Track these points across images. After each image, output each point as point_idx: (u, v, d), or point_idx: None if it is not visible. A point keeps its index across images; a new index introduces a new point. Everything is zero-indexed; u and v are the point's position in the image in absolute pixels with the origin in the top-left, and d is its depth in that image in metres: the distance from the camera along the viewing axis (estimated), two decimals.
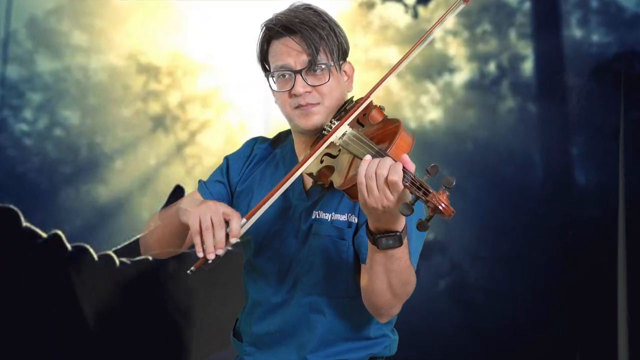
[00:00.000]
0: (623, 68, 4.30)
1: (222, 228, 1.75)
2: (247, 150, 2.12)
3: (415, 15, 4.63)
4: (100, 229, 4.42)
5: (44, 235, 4.12)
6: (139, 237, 4.26)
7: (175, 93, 4.57)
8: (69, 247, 4.11)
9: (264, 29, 1.96)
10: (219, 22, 4.47)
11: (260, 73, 2.03)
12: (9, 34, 4.43)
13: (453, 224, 1.63)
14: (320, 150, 1.85)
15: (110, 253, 4.17)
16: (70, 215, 4.42)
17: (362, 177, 1.67)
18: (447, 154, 4.53)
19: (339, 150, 1.85)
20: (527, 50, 4.61)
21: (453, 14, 1.95)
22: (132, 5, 4.50)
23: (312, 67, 1.90)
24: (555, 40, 4.54)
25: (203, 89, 4.59)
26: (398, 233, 1.72)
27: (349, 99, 2.00)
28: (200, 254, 1.75)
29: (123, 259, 4.15)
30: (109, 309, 4.10)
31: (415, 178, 1.63)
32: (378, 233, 1.72)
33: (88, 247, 4.15)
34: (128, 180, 4.51)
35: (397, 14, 4.65)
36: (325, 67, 1.92)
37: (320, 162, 1.87)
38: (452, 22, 4.65)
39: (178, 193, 4.22)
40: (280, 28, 1.91)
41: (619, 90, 4.14)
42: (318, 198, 1.98)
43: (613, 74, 4.29)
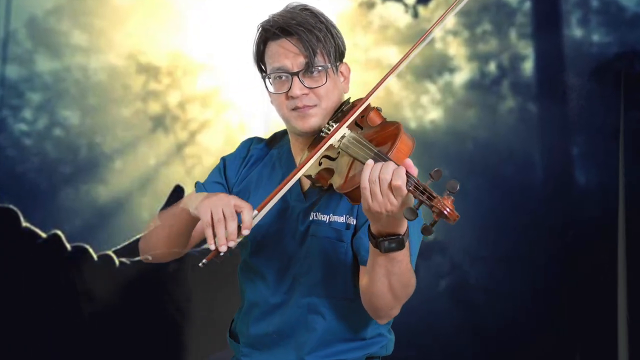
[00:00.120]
0: (623, 68, 4.29)
1: (234, 220, 1.74)
2: (243, 151, 2.11)
3: (416, 15, 4.63)
4: (100, 229, 4.41)
5: (44, 236, 4.11)
6: (140, 237, 4.28)
7: (175, 93, 4.56)
8: (69, 247, 4.11)
9: (260, 30, 1.95)
10: (219, 22, 4.46)
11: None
12: (9, 34, 4.42)
13: (453, 224, 1.62)
14: (320, 153, 1.84)
15: (110, 253, 4.17)
16: (70, 216, 4.41)
17: (365, 182, 1.66)
18: (447, 154, 4.52)
19: (338, 153, 1.84)
20: (527, 50, 4.60)
21: (452, 13, 1.94)
22: (131, 5, 4.50)
23: (309, 69, 1.90)
24: (556, 40, 4.54)
25: (203, 89, 4.59)
26: (400, 236, 1.71)
27: (346, 101, 1.99)
28: (212, 247, 1.73)
29: (123, 259, 4.15)
30: (109, 309, 4.10)
31: (419, 182, 1.63)
32: (380, 236, 1.72)
33: (88, 247, 4.15)
34: (128, 180, 4.50)
35: (397, 14, 4.64)
36: (322, 69, 1.91)
37: (319, 164, 1.86)
38: (452, 21, 4.64)
39: (178, 193, 4.22)
40: (277, 30, 1.90)
41: (620, 90, 4.14)
42: (316, 199, 1.97)
43: (613, 74, 4.28)
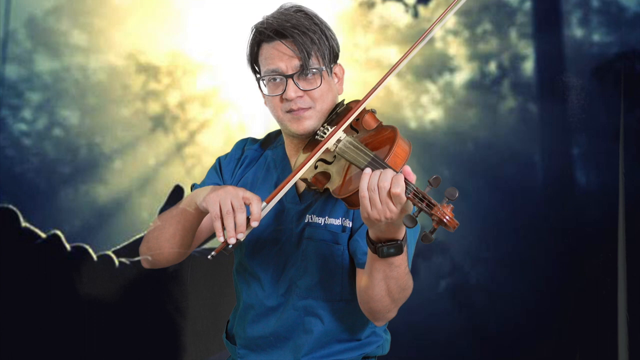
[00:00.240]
0: (624, 68, 4.29)
1: (243, 212, 1.74)
2: (238, 152, 2.11)
3: (416, 15, 4.62)
4: (100, 229, 4.41)
5: (43, 236, 4.11)
6: (139, 238, 4.26)
7: (175, 93, 4.55)
8: (68, 247, 4.10)
9: (254, 32, 1.94)
10: (219, 21, 4.46)
11: None
12: (8, 34, 4.42)
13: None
14: (318, 155, 1.84)
15: (110, 253, 4.17)
16: (70, 216, 4.41)
17: (364, 190, 1.67)
18: (447, 154, 4.51)
19: (334, 157, 1.84)
20: (527, 50, 4.60)
21: (451, 13, 1.93)
22: (131, 5, 4.49)
23: (303, 71, 1.89)
24: (556, 40, 4.53)
25: (202, 89, 4.58)
26: (399, 241, 1.72)
27: (340, 102, 1.99)
28: (221, 239, 1.74)
29: (122, 259, 4.15)
30: (109, 310, 4.09)
31: (418, 190, 1.64)
32: (379, 242, 1.73)
33: (87, 247, 4.15)
34: (127, 181, 4.49)
35: (397, 14, 4.64)
36: (317, 71, 1.91)
37: (315, 167, 1.86)
38: (452, 21, 4.64)
39: (177, 193, 4.22)
40: (272, 32, 1.90)
41: (620, 90, 4.13)
42: (311, 202, 1.97)
43: (614, 74, 4.28)
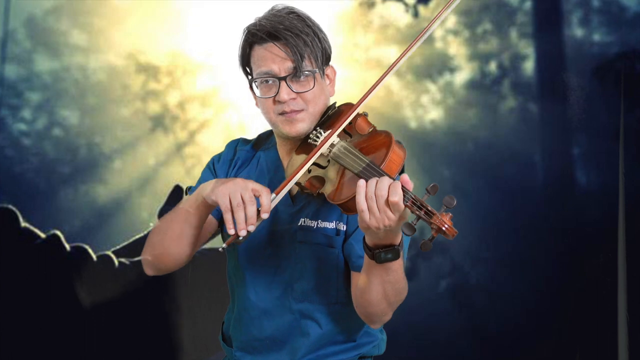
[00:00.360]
0: (624, 68, 4.28)
1: (253, 204, 1.75)
2: (230, 153, 2.11)
3: (416, 15, 4.62)
4: (99, 229, 4.41)
5: (43, 236, 4.11)
6: (141, 236, 4.26)
7: (175, 93, 4.55)
8: (68, 247, 4.10)
9: (247, 33, 1.93)
10: (218, 21, 4.45)
11: None
12: (8, 33, 4.42)
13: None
14: (313, 160, 1.83)
15: (109, 253, 4.16)
16: (69, 216, 4.41)
17: (362, 199, 1.67)
18: (447, 154, 4.51)
19: (328, 161, 1.84)
20: (528, 50, 4.60)
21: (449, 12, 1.93)
22: (131, 5, 4.49)
23: (296, 74, 1.89)
24: (557, 40, 4.53)
25: (202, 89, 4.58)
26: (396, 247, 1.73)
27: (332, 105, 1.99)
28: (232, 231, 1.74)
29: (122, 260, 4.14)
30: (108, 310, 4.09)
31: (416, 197, 1.65)
32: (376, 248, 1.73)
33: (87, 247, 4.14)
34: (127, 181, 4.49)
35: (397, 13, 4.64)
36: (310, 73, 1.90)
37: (308, 171, 1.86)
38: (452, 21, 4.64)
39: (177, 193, 4.21)
40: (264, 34, 1.89)
41: (621, 90, 4.13)
42: (304, 204, 1.96)
43: (615, 74, 4.27)
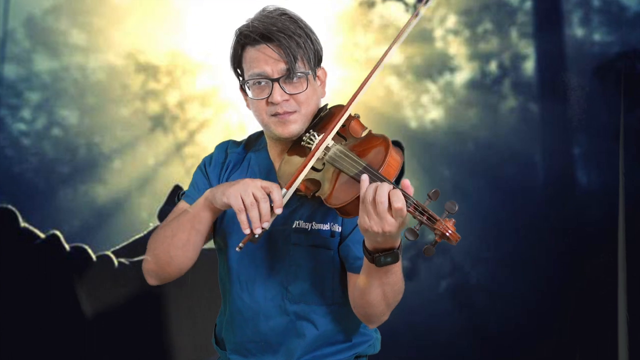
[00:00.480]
0: (624, 67, 4.28)
1: (266, 201, 1.77)
2: (221, 156, 2.11)
3: (416, 14, 4.61)
4: (99, 230, 4.41)
5: (42, 236, 4.10)
6: (140, 236, 4.25)
7: (174, 92, 4.55)
8: (67, 247, 4.10)
9: (239, 35, 1.93)
10: (218, 20, 4.45)
11: None
12: (7, 33, 4.41)
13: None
14: (311, 164, 1.83)
15: (109, 253, 4.16)
16: (69, 216, 4.40)
17: (363, 204, 1.67)
18: (447, 154, 4.51)
19: (324, 164, 1.84)
20: (528, 50, 4.59)
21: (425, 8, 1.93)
22: (130, 4, 4.48)
23: (289, 75, 1.89)
24: (557, 40, 4.52)
25: (202, 88, 4.57)
26: (395, 250, 1.73)
27: (323, 107, 1.99)
28: (247, 231, 1.76)
29: (121, 260, 4.14)
30: (108, 310, 4.09)
31: (418, 203, 1.66)
32: (376, 252, 1.73)
33: (86, 247, 4.14)
34: (127, 180, 4.49)
35: (397, 13, 4.63)
36: (303, 75, 1.90)
37: None
38: (453, 21, 4.64)
39: (177, 193, 4.20)
40: (257, 35, 1.89)
41: (621, 90, 4.13)
42: (297, 207, 1.96)
43: (615, 74, 4.27)
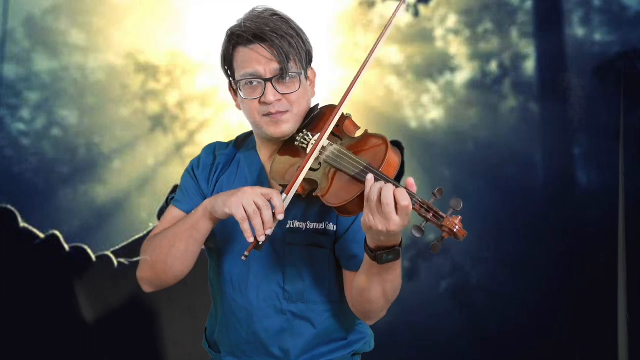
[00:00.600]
0: (625, 67, 4.28)
1: (268, 209, 1.79)
2: (210, 158, 2.11)
3: (416, 14, 4.61)
4: (98, 230, 4.40)
5: (42, 236, 4.10)
6: (140, 236, 4.25)
7: (174, 92, 4.54)
8: (67, 247, 4.09)
9: (230, 35, 1.96)
10: (217, 20, 4.44)
11: None
12: (6, 33, 4.41)
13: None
14: (307, 168, 1.84)
15: (109, 254, 4.15)
16: (68, 216, 4.40)
17: (368, 203, 1.68)
18: (448, 154, 4.51)
19: (320, 164, 1.85)
20: (529, 49, 4.59)
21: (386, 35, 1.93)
22: (130, 4, 4.48)
23: (282, 75, 1.90)
24: (558, 39, 4.52)
25: (202, 88, 4.57)
26: (397, 247, 1.75)
27: (314, 106, 2.00)
28: (251, 240, 1.78)
29: (121, 260, 4.14)
30: (107, 310, 4.08)
31: (424, 201, 1.67)
32: (378, 250, 1.74)
33: (86, 247, 4.14)
34: (126, 181, 4.48)
35: (398, 13, 4.62)
36: (296, 75, 1.91)
37: None
38: (453, 20, 4.63)
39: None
40: (250, 35, 1.90)
41: (621, 90, 4.13)
42: (291, 206, 1.95)
43: (615, 73, 4.27)
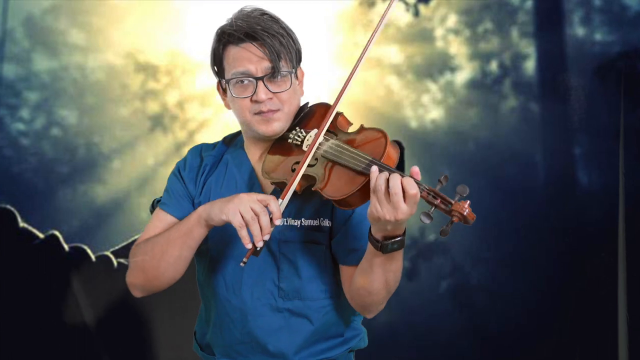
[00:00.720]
0: (626, 67, 4.27)
1: (265, 214, 1.79)
2: (196, 160, 2.11)
3: (416, 14, 4.60)
4: (98, 230, 4.40)
5: (41, 236, 4.10)
6: (136, 239, 4.25)
7: (174, 92, 4.54)
8: (67, 247, 4.10)
9: (221, 34, 1.97)
10: (217, 20, 4.43)
11: None
12: (6, 33, 4.40)
13: (454, 225, 1.67)
14: (306, 163, 1.85)
15: (108, 254, 4.16)
16: (68, 216, 4.39)
17: (375, 194, 1.68)
18: (448, 154, 4.51)
19: (316, 159, 1.86)
20: (529, 49, 4.58)
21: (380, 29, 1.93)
22: (130, 4, 4.47)
23: (274, 74, 1.91)
24: (558, 39, 4.51)
25: (202, 88, 4.56)
26: (402, 236, 1.76)
27: (304, 105, 2.02)
28: (249, 246, 1.79)
29: (121, 260, 4.14)
30: (107, 310, 4.08)
31: (431, 188, 1.68)
32: (384, 239, 1.75)
33: (86, 247, 4.14)
34: (126, 181, 4.48)
35: (398, 13, 4.62)
36: (287, 73, 1.93)
37: (292, 170, 1.88)
38: (453, 20, 4.63)
39: None
40: (242, 34, 1.91)
41: (621, 90, 4.13)
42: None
43: (616, 73, 4.27)
